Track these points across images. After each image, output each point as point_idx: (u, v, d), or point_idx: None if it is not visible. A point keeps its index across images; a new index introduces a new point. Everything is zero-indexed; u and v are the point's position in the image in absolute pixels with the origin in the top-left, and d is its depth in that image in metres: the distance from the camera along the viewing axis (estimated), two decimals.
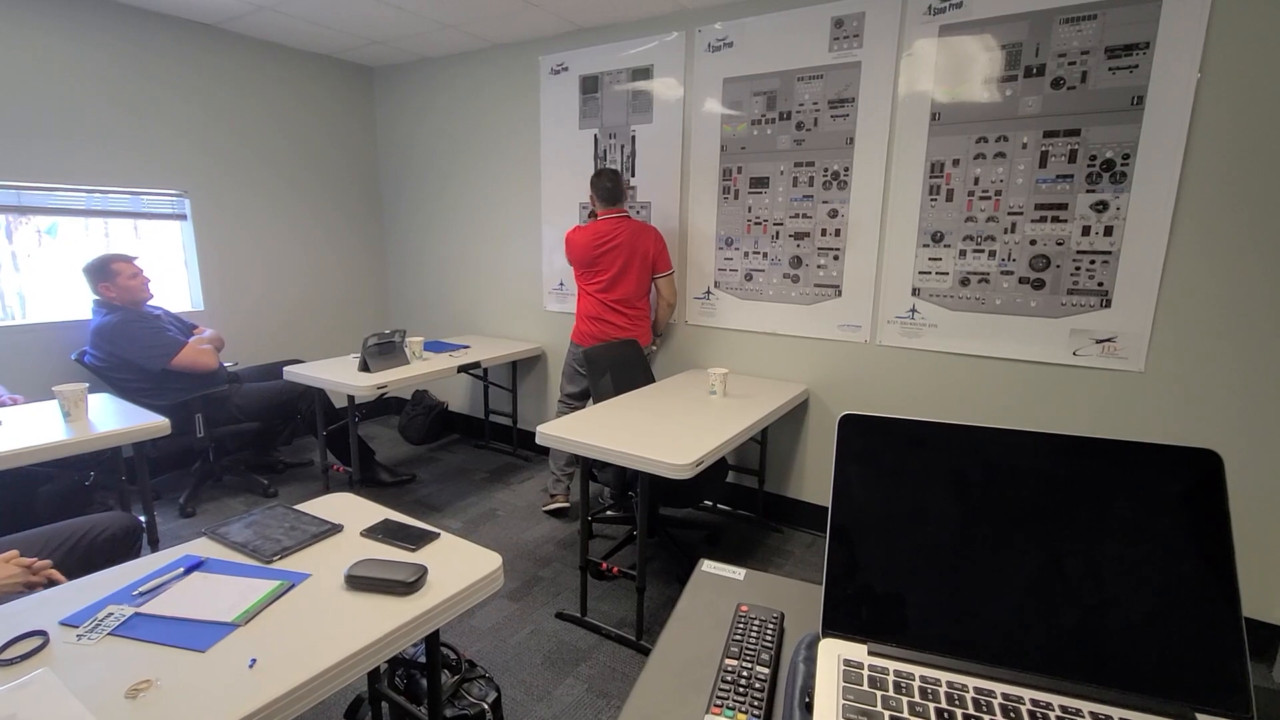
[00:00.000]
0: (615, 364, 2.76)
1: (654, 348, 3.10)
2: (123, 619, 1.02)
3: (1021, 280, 2.34)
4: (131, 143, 3.14)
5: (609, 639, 2.16)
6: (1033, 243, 2.31)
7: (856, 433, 0.65)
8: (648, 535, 2.62)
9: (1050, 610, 0.61)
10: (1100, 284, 2.22)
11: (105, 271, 2.79)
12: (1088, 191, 2.20)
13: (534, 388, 3.80)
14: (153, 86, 3.17)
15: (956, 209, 2.42)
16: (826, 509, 2.51)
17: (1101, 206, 2.18)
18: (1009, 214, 2.34)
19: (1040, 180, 2.27)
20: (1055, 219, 2.26)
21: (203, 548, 1.32)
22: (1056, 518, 0.64)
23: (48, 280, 3.07)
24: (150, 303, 2.96)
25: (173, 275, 3.46)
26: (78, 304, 3.03)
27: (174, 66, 3.24)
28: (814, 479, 2.92)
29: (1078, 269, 2.25)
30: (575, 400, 3.06)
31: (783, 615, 0.78)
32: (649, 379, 2.92)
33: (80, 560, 1.56)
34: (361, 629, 1.05)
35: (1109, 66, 2.11)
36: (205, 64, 3.35)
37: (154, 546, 2.20)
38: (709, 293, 3.06)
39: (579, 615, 2.25)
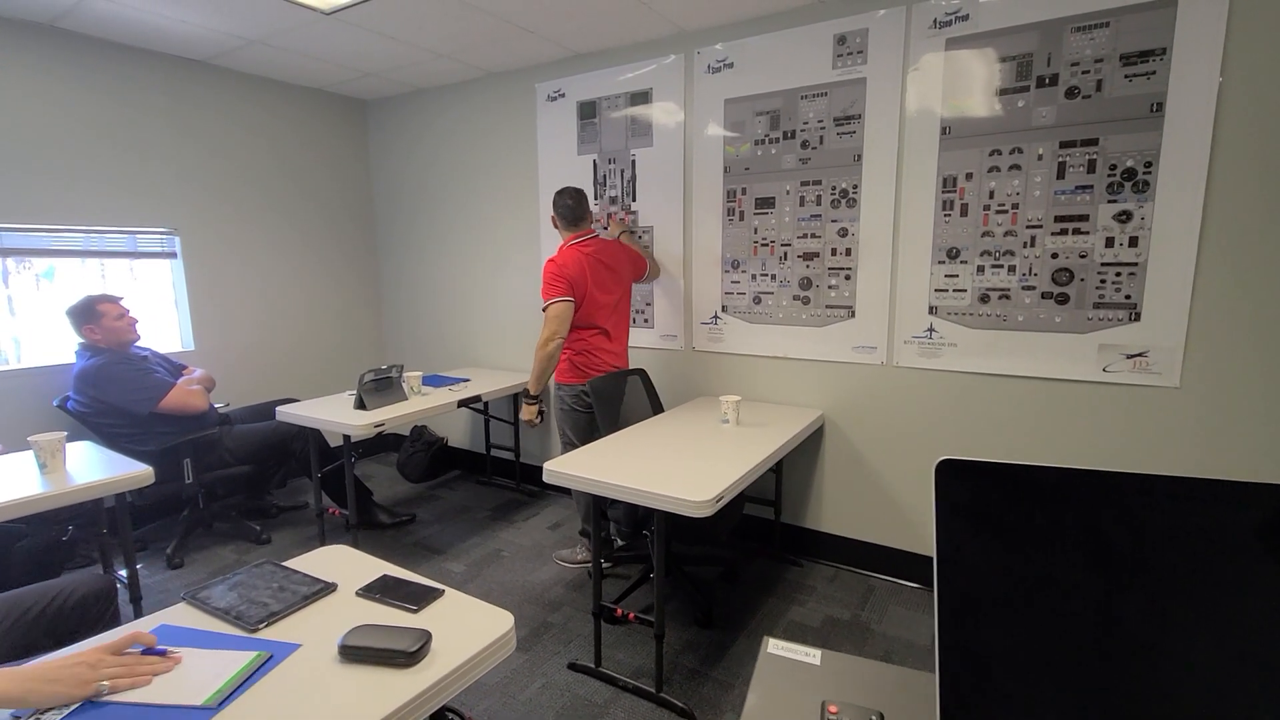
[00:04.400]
0: (622, 395, 2.65)
1: None
2: (68, 709, 0.88)
3: (1044, 295, 2.25)
4: (120, 181, 3.06)
5: (626, 691, 2.00)
6: (1054, 256, 2.22)
7: (960, 482, 0.54)
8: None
9: (1243, 713, 0.49)
10: (1128, 297, 2.12)
11: (90, 313, 2.69)
12: (1109, 202, 2.12)
13: None
14: (141, 124, 3.11)
15: (972, 224, 2.34)
16: (847, 540, 2.36)
17: (1125, 217, 2.10)
18: (1028, 227, 2.25)
19: (1059, 192, 2.19)
20: (1076, 231, 2.18)
21: (181, 614, 1.19)
22: (1238, 591, 0.51)
23: (42, 324, 2.97)
24: (138, 344, 2.85)
25: (164, 315, 3.36)
26: (66, 348, 2.92)
27: (163, 104, 3.18)
28: (833, 509, 2.79)
29: (1103, 282, 2.16)
30: (579, 442, 2.88)
31: (881, 716, 0.65)
32: (658, 408, 2.81)
33: (48, 628, 1.42)
34: (357, 711, 0.92)
35: (1125, 74, 2.05)
36: (195, 100, 3.30)
37: (136, 605, 2.05)
38: (716, 317, 2.97)
39: (593, 665, 2.09)
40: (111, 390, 2.62)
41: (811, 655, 0.81)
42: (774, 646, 0.80)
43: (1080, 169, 2.15)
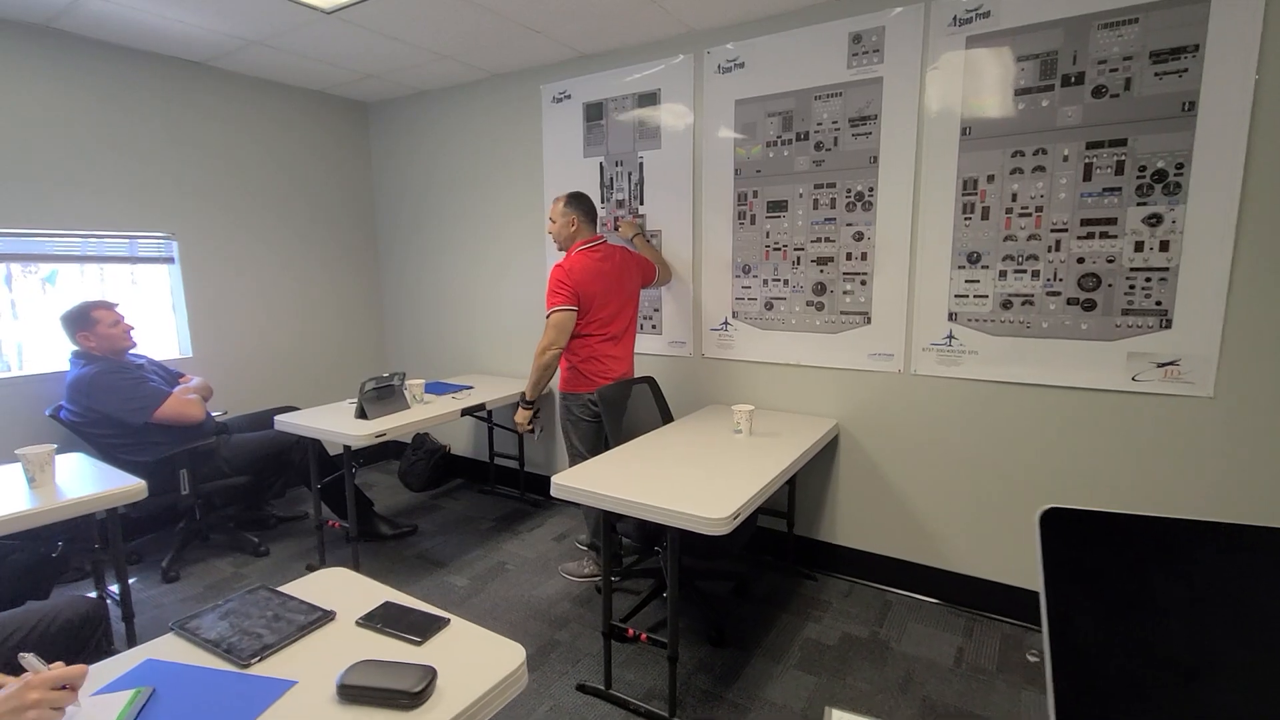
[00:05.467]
0: (631, 403, 2.57)
1: None
2: None
3: (1070, 301, 2.17)
4: (118, 185, 2.99)
5: (639, 715, 1.92)
6: (1080, 261, 2.14)
7: (1072, 538, 0.45)
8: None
9: None
10: (1159, 303, 2.04)
11: (84, 320, 2.61)
12: (1139, 204, 2.04)
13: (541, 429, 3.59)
14: (137, 127, 3.04)
15: (994, 227, 2.27)
16: (862, 553, 2.27)
17: (1155, 220, 2.02)
18: (1052, 231, 2.18)
19: (1085, 194, 2.11)
20: (1104, 235, 2.10)
21: (170, 646, 1.11)
22: None
23: (43, 330, 2.89)
24: (133, 351, 2.78)
25: (162, 321, 3.28)
26: (62, 355, 2.85)
27: (160, 106, 3.11)
28: (847, 521, 2.71)
29: (1132, 288, 2.08)
30: (587, 453, 2.80)
31: None
32: (668, 417, 2.73)
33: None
34: None
35: (1155, 72, 1.97)
36: (193, 103, 3.23)
37: (128, 623, 1.97)
38: (726, 324, 2.89)
39: (603, 688, 2.01)
40: (105, 399, 2.54)
41: None
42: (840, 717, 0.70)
43: (1108, 170, 2.07)
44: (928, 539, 2.53)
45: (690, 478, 1.92)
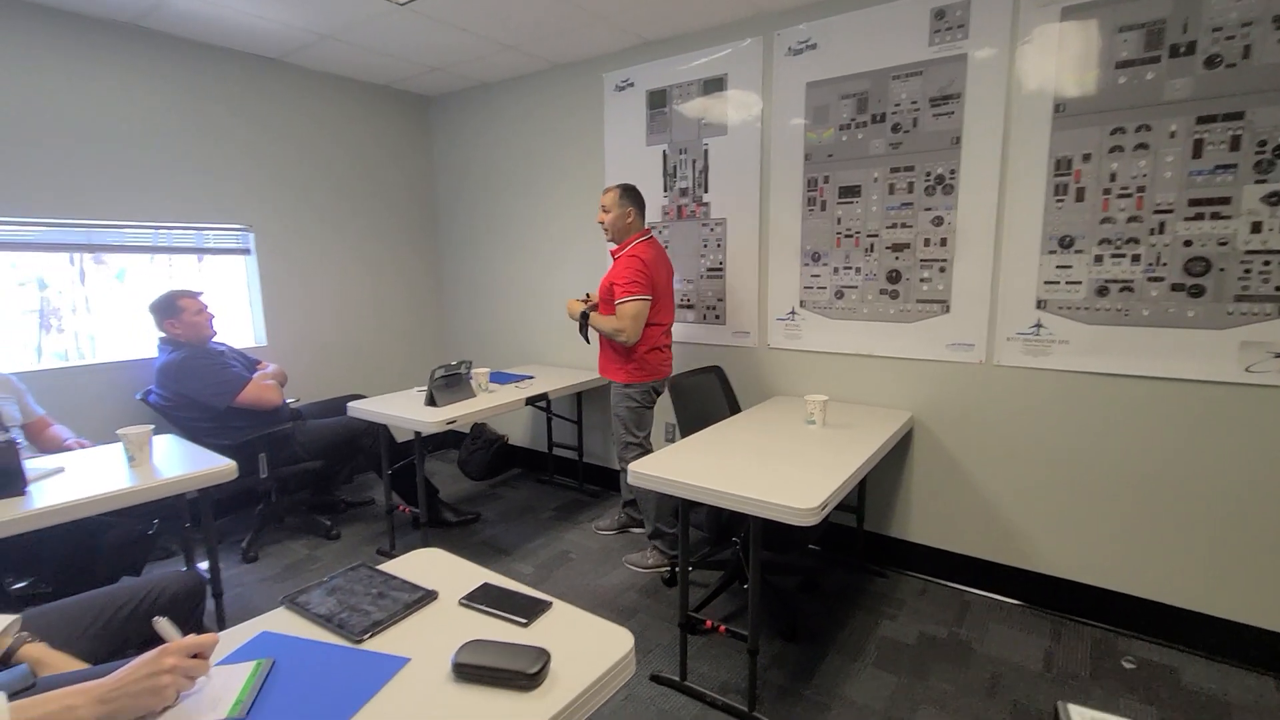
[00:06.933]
0: (700, 393, 2.54)
1: None
2: None
3: (1175, 287, 2.04)
4: (197, 179, 3.10)
5: (715, 708, 1.89)
6: (1187, 244, 2.01)
7: None
8: (741, 582, 2.36)
9: None
10: (1279, 288, 1.90)
11: (171, 308, 2.72)
12: (1257, 182, 1.90)
13: (599, 420, 3.59)
14: (216, 122, 3.14)
15: (1089, 209, 2.14)
16: (938, 551, 2.19)
17: (1276, 199, 1.88)
18: (1155, 212, 2.04)
19: (1194, 173, 1.98)
20: (1215, 216, 1.96)
21: (281, 620, 1.13)
22: None
23: (116, 321, 3.02)
24: (214, 339, 2.88)
25: (236, 310, 3.39)
26: (143, 343, 2.97)
27: (238, 102, 3.21)
28: (922, 518, 2.62)
29: (1247, 272, 1.93)
30: (647, 443, 2.78)
31: None
32: (735, 408, 2.68)
33: (141, 627, 1.39)
34: None
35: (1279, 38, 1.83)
36: (268, 98, 3.32)
37: (218, 600, 2.03)
38: (794, 313, 2.82)
39: (678, 679, 1.99)
40: (191, 384, 2.64)
41: None
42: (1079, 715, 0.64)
43: (1221, 146, 1.93)
44: (1009, 538, 2.43)
45: (769, 468, 1.87)
